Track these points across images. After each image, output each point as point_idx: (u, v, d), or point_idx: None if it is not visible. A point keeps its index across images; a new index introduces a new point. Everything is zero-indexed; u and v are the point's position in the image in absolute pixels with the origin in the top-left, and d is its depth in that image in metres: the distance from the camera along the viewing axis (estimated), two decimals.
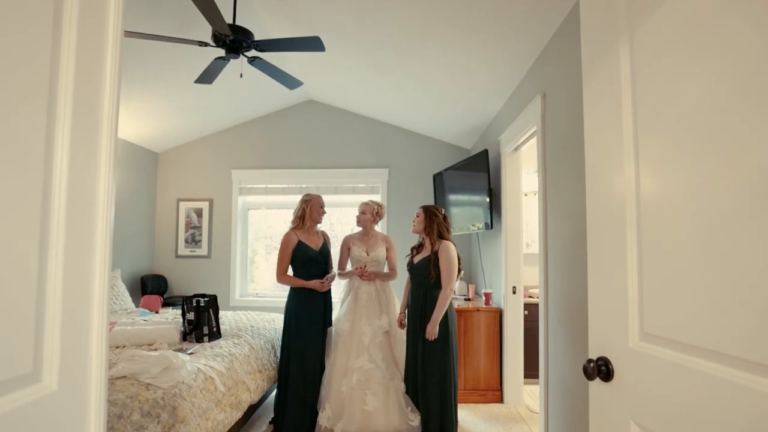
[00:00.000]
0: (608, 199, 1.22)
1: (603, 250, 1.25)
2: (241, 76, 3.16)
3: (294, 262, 3.17)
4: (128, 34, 2.79)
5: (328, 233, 3.45)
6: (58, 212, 0.80)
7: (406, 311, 3.26)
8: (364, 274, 3.31)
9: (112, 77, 0.89)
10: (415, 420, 3.13)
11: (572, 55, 2.29)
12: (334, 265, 3.44)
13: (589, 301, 1.31)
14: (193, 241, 5.65)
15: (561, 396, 2.49)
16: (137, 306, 4.45)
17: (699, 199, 0.93)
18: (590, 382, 1.28)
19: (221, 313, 3.87)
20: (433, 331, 2.98)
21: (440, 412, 3.00)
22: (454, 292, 3.11)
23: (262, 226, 5.86)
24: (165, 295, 5.42)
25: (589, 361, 1.23)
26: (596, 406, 1.27)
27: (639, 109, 1.10)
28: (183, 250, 5.65)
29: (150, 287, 5.19)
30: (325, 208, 3.30)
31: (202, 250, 5.63)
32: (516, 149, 3.70)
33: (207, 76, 3.28)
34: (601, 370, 1.21)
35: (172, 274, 5.63)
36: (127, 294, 4.30)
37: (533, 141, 3.40)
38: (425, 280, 3.08)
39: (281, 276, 3.16)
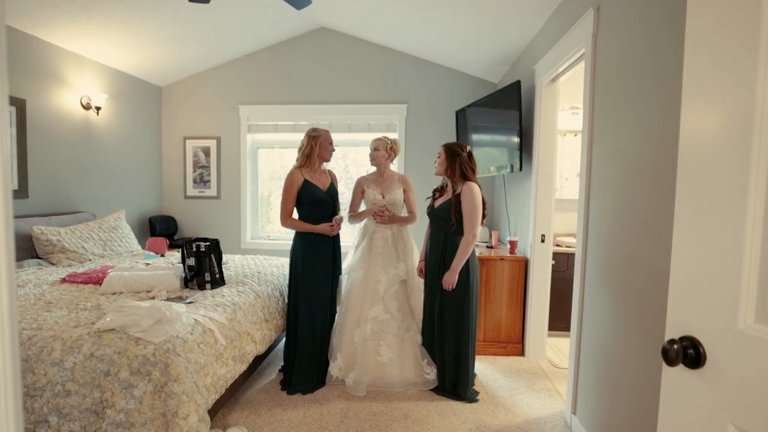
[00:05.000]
0: (720, 126, 0.87)
1: (703, 199, 0.91)
2: None
3: (300, 203, 2.90)
4: None
5: (344, 176, 3.13)
6: None
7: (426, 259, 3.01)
8: (382, 214, 3.03)
9: None
10: (431, 373, 2.96)
11: None
12: (342, 208, 3.16)
13: (672, 264, 1.00)
14: (202, 181, 5.41)
15: (595, 355, 2.24)
16: (144, 248, 4.29)
17: None
18: (667, 367, 1.00)
19: (228, 257, 3.69)
20: (451, 280, 2.73)
21: (454, 366, 2.82)
22: (476, 239, 2.82)
23: (277, 167, 5.56)
24: (175, 237, 5.28)
25: (672, 342, 0.94)
26: (674, 398, 0.99)
27: None
28: (192, 190, 5.43)
29: (159, 229, 5.02)
30: (339, 148, 2.96)
31: (211, 191, 5.39)
32: (554, 80, 3.26)
33: None
34: (688, 353, 0.92)
35: (181, 215, 5.45)
36: (132, 236, 4.12)
37: (576, 70, 2.96)
38: (445, 225, 2.80)
39: (286, 219, 2.90)
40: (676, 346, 0.93)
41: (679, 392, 0.97)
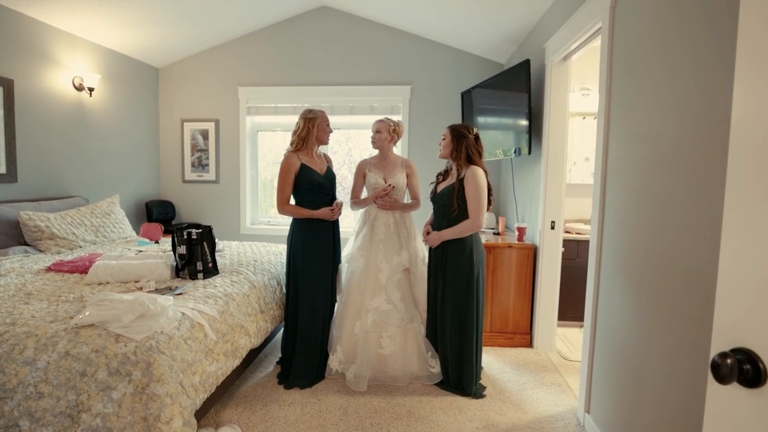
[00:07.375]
0: None
1: (763, 189, 0.75)
2: None
3: (297, 188, 2.75)
4: None
5: (346, 160, 2.96)
6: None
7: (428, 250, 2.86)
8: (384, 198, 2.87)
9: None
10: (436, 366, 2.83)
11: None
12: (343, 192, 3.00)
13: (721, 264, 0.84)
14: (200, 165, 5.26)
15: (612, 352, 2.10)
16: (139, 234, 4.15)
17: None
18: (715, 383, 0.84)
19: (224, 244, 3.56)
20: (434, 241, 2.67)
21: (458, 360, 2.68)
22: (481, 227, 2.66)
23: (281, 150, 5.38)
24: (173, 222, 5.14)
25: (725, 356, 0.78)
26: (724, 420, 0.84)
27: None
28: (190, 174, 5.28)
29: (156, 214, 4.89)
30: (341, 131, 2.80)
31: (210, 175, 5.25)
32: (565, 58, 3.06)
33: None
34: (744, 369, 0.77)
35: (179, 200, 5.31)
36: (126, 221, 3.98)
37: (588, 48, 2.77)
38: (447, 211, 2.65)
39: (283, 206, 2.75)
40: (729, 361, 0.77)
41: (731, 414, 0.82)
